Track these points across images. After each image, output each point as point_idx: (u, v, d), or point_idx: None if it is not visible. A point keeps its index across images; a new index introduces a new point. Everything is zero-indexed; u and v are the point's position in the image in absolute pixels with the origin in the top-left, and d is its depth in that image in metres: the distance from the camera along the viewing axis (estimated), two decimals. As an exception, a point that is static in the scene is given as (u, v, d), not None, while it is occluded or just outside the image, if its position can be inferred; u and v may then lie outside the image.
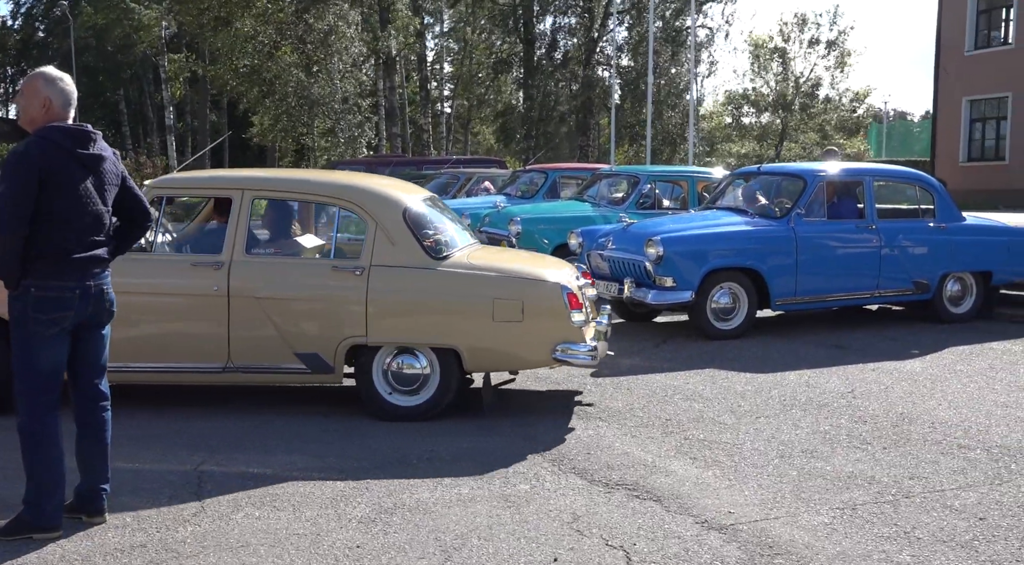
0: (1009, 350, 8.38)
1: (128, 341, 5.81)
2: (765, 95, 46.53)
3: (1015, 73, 26.61)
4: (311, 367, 5.97)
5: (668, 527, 4.15)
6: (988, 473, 4.92)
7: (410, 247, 6.01)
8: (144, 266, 6.01)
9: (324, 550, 3.88)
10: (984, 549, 3.91)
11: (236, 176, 6.69)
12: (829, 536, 4.05)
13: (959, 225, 9.77)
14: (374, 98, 37.97)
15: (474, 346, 5.95)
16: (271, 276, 6.04)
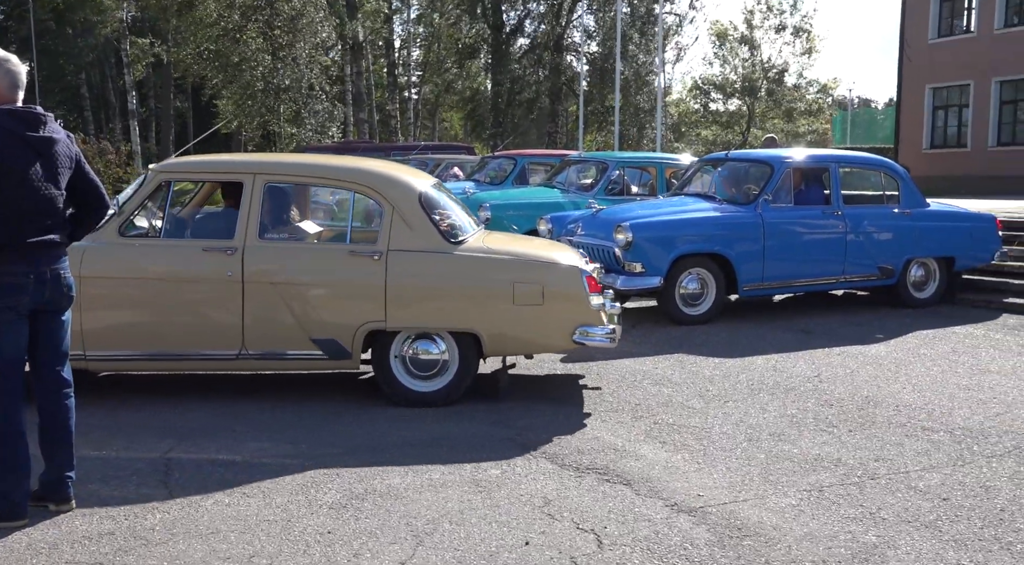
0: (971, 334, 8.51)
1: (138, 329, 5.80)
2: (732, 82, 46.76)
3: (977, 61, 26.94)
4: (328, 353, 5.90)
5: (638, 510, 4.18)
6: (951, 454, 5.00)
7: (427, 231, 5.98)
8: (153, 252, 5.93)
9: (295, 536, 3.87)
10: (947, 529, 3.97)
11: (247, 160, 6.53)
12: (796, 518, 4.10)
13: (923, 211, 9.89)
14: (341, 84, 37.70)
15: (494, 330, 5.95)
16: (287, 261, 5.95)
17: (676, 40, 44.00)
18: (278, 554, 3.69)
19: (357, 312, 5.86)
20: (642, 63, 39.08)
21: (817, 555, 3.70)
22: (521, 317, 5.95)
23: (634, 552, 3.73)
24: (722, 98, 48.49)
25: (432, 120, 51.74)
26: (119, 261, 5.82)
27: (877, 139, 44.63)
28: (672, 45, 43.12)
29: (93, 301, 5.68)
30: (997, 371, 7.02)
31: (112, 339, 5.80)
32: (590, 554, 3.71)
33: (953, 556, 3.69)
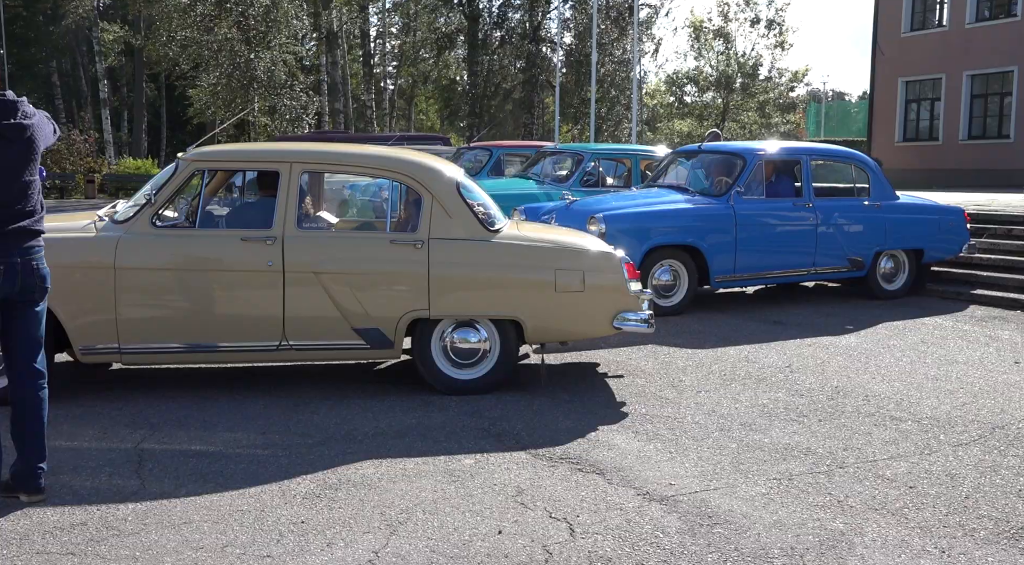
0: (940, 325, 8.63)
1: (175, 321, 5.72)
2: (707, 75, 46.92)
3: (949, 55, 27.20)
4: (371, 342, 5.89)
5: (610, 499, 4.22)
6: (918, 443, 5.08)
7: (467, 219, 6.01)
8: (189, 242, 5.83)
9: (268, 526, 3.88)
10: (913, 516, 4.04)
11: (284, 149, 6.45)
12: (766, 506, 4.15)
13: (892, 204, 10.00)
14: (316, 74, 37.47)
15: (536, 317, 6.01)
16: (328, 251, 5.90)
17: (651, 32, 44.02)
18: (251, 544, 3.70)
19: (401, 301, 5.87)
20: (617, 56, 39.11)
21: (786, 542, 3.75)
22: (563, 304, 6.04)
23: (606, 540, 3.77)
24: (697, 91, 48.64)
25: (408, 110, 51.54)
26: (154, 252, 5.72)
27: (851, 132, 44.98)
28: (647, 38, 43.14)
29: (128, 293, 5.61)
30: (964, 361, 7.13)
31: (148, 332, 5.69)
32: (562, 542, 3.74)
33: (918, 542, 3.76)
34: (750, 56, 45.93)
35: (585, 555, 3.62)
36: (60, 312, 5.45)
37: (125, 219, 5.78)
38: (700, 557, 3.62)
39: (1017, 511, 4.09)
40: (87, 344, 5.61)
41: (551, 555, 3.62)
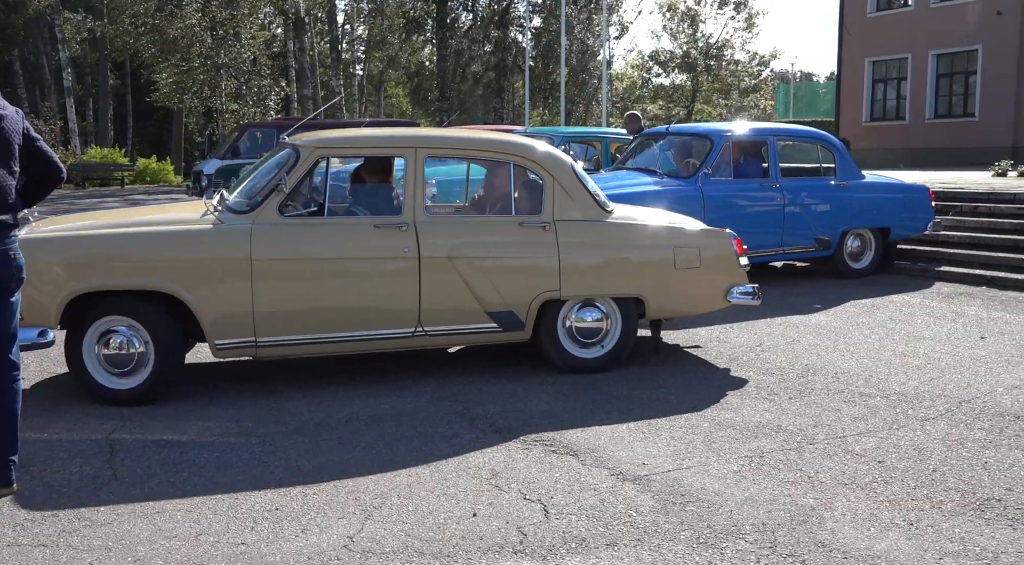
0: (907, 302, 8.73)
1: (311, 311, 5.62)
2: (677, 56, 47.00)
3: (915, 35, 27.40)
4: (503, 325, 5.97)
5: (584, 480, 4.25)
6: (887, 419, 5.15)
7: (586, 201, 6.16)
8: (324, 231, 5.73)
9: (242, 513, 3.87)
10: (882, 490, 4.10)
11: (407, 135, 6.43)
12: (738, 483, 4.20)
13: (858, 183, 10.09)
14: (284, 60, 37.16)
15: (657, 294, 6.22)
16: (460, 235, 5.93)
17: (619, 15, 44.02)
18: (225, 531, 3.69)
19: (533, 283, 5.97)
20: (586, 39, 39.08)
21: (757, 518, 3.80)
22: (681, 280, 6.27)
23: (580, 520, 3.79)
24: (665, 73, 48.74)
25: (377, 96, 51.23)
26: (289, 242, 5.61)
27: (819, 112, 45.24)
28: (615, 20, 43.13)
29: (264, 285, 5.51)
30: (932, 338, 7.22)
31: (283, 324, 5.59)
32: (537, 523, 3.77)
33: (887, 516, 3.81)
34: (719, 39, 46.08)
35: (559, 535, 3.65)
36: (197, 307, 5.40)
37: (250, 209, 5.66)
38: (673, 534, 3.65)
39: (983, 483, 4.16)
40: (223, 339, 5.51)
41: (525, 536, 3.65)
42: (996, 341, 7.10)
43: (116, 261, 5.37)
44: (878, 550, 3.49)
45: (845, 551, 3.48)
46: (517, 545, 3.57)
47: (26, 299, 5.00)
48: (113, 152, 35.09)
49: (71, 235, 5.52)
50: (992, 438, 4.78)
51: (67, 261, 5.32)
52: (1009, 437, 4.80)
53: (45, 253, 5.28)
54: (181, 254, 5.43)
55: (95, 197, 26.79)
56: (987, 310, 8.40)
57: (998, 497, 3.99)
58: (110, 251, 5.40)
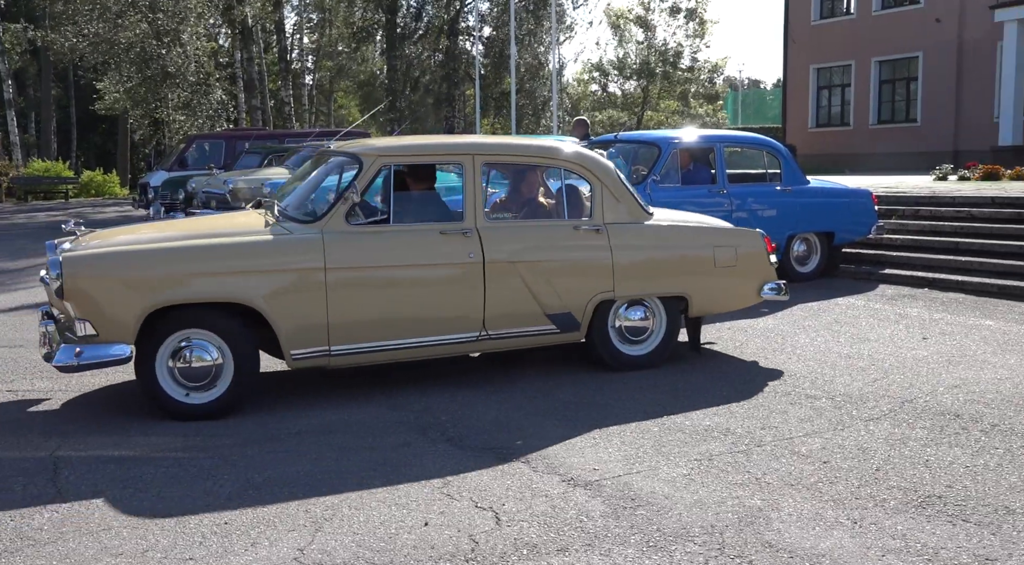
0: (852, 305, 8.89)
1: (382, 318, 5.66)
2: (628, 64, 47.38)
3: (857, 42, 27.95)
4: (561, 327, 6.14)
5: (536, 486, 4.27)
6: (832, 420, 5.24)
7: (631, 203, 6.43)
8: (392, 238, 5.76)
9: (190, 529, 3.82)
10: (827, 490, 4.18)
11: (464, 142, 6.50)
12: (687, 486, 4.24)
13: (803, 188, 10.26)
14: (231, 70, 36.79)
15: (700, 292, 6.52)
16: (520, 240, 6.06)
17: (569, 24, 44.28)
18: (172, 547, 3.65)
19: (590, 284, 6.18)
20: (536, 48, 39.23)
21: (706, 521, 3.84)
22: (721, 278, 6.60)
23: (531, 527, 3.81)
24: (620, 80, 49.10)
25: (327, 106, 50.94)
26: (361, 251, 5.65)
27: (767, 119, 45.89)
28: (565, 29, 43.38)
29: (338, 293, 5.53)
30: (876, 339, 7.36)
31: (356, 332, 5.61)
32: (488, 531, 3.77)
33: (832, 515, 3.88)
34: (671, 47, 46.53)
35: (511, 542, 3.66)
36: (274, 318, 5.40)
37: (315, 218, 5.68)
38: (624, 538, 3.68)
39: (924, 481, 4.26)
40: (299, 349, 5.51)
41: (477, 544, 3.65)
42: (937, 342, 7.26)
43: (196, 274, 5.32)
44: (823, 549, 3.55)
45: (791, 551, 3.54)
46: (469, 553, 3.58)
47: (106, 315, 5.11)
48: (57, 165, 34.46)
49: (148, 249, 5.44)
50: (933, 437, 4.89)
51: (147, 275, 5.26)
52: (949, 435, 4.91)
53: (123, 268, 5.27)
54: (258, 265, 5.44)
55: (38, 210, 26.30)
56: (929, 311, 8.58)
57: (938, 494, 4.09)
58: (190, 264, 5.35)
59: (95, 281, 5.17)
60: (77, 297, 5.13)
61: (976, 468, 4.41)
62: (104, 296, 5.15)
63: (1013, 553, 3.48)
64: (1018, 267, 9.78)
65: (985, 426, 5.05)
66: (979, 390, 5.78)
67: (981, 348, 7.00)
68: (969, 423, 5.11)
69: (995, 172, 15.73)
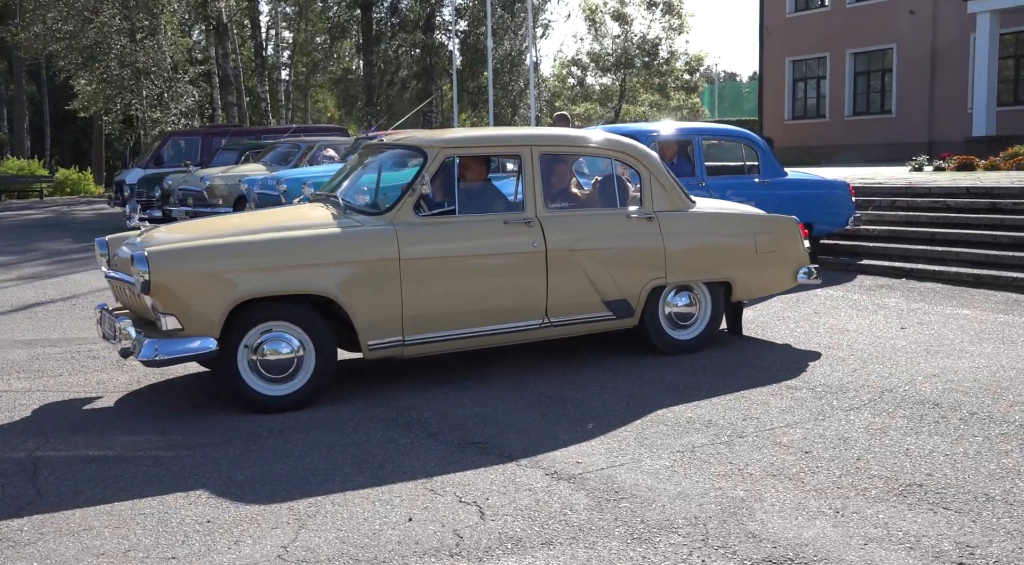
0: (831, 296, 8.95)
1: (452, 308, 5.78)
2: (605, 57, 47.39)
3: (832, 34, 28.09)
4: (617, 313, 6.33)
5: (520, 481, 4.27)
6: (813, 410, 5.28)
7: (676, 192, 6.66)
8: (460, 229, 5.88)
9: (172, 527, 3.80)
10: (809, 480, 4.20)
11: (522, 134, 6.63)
12: (670, 478, 4.26)
13: (781, 180, 10.31)
14: (207, 66, 36.52)
15: (743, 277, 6.79)
16: (579, 229, 6.21)
17: (545, 18, 44.25)
18: (155, 546, 3.62)
19: (644, 271, 6.38)
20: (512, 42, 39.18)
21: (689, 512, 3.86)
22: (762, 263, 6.87)
23: (515, 521, 3.81)
24: (597, 73, 49.09)
25: (305, 101, 50.66)
26: (432, 241, 5.76)
27: (744, 111, 46.09)
28: (541, 23, 43.33)
29: (411, 284, 5.63)
30: (855, 330, 7.41)
31: (427, 322, 5.72)
32: (473, 526, 3.77)
33: (814, 504, 3.91)
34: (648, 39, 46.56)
35: (495, 537, 3.66)
36: (353, 309, 5.49)
37: (380, 210, 5.79)
38: (608, 531, 3.69)
39: (905, 469, 4.29)
40: (376, 339, 5.60)
41: (462, 539, 3.65)
42: (915, 331, 7.32)
43: (281, 266, 5.38)
44: (806, 538, 3.57)
45: (774, 541, 3.56)
46: (453, 548, 3.57)
47: (192, 309, 5.14)
48: (31, 163, 34.11)
49: (233, 242, 5.47)
50: (913, 426, 4.93)
51: (232, 268, 5.29)
52: (929, 424, 4.95)
53: (209, 261, 5.29)
54: (339, 257, 5.51)
55: (12, 210, 26.04)
56: (907, 301, 8.65)
57: (919, 482, 4.12)
58: (274, 257, 5.40)
59: (182, 276, 5.19)
60: (163, 292, 5.14)
61: (955, 456, 4.45)
62: (190, 290, 5.18)
63: (993, 540, 3.52)
64: (993, 257, 9.88)
65: (964, 414, 5.10)
66: (957, 379, 5.84)
67: (958, 337, 7.07)
68: (948, 412, 5.15)
69: (970, 163, 15.86)
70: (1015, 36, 24.28)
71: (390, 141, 6.55)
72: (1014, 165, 14.89)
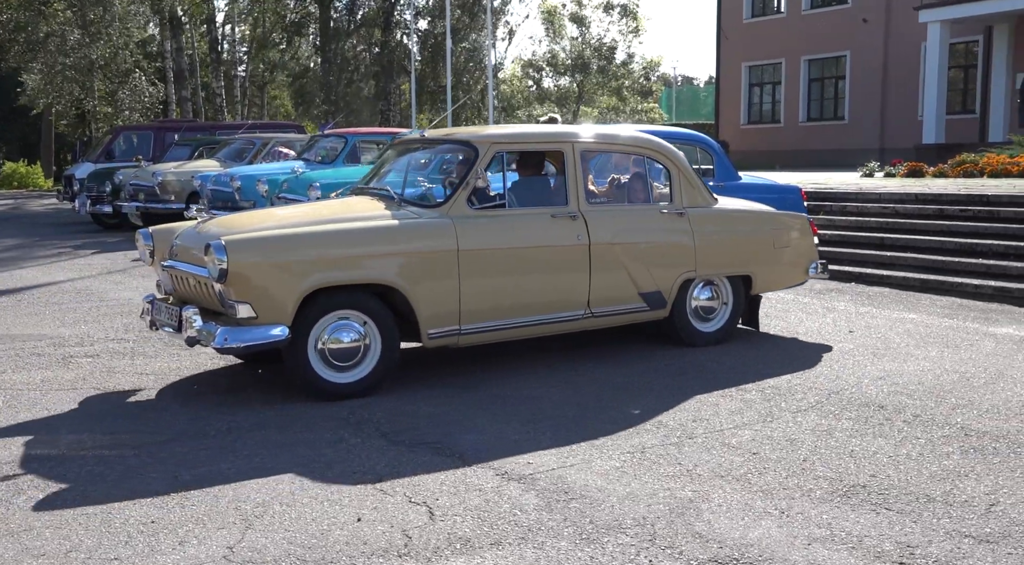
0: (782, 299, 9.05)
1: (505, 298, 5.98)
2: (563, 59, 47.55)
3: (788, 40, 28.46)
4: (650, 304, 6.60)
5: (470, 481, 4.26)
6: (761, 412, 5.34)
7: (702, 189, 7.00)
8: (511, 222, 6.09)
9: (116, 528, 3.74)
10: (756, 480, 4.25)
11: (565, 131, 6.82)
12: (620, 478, 4.28)
13: (735, 184, 10.38)
14: (161, 61, 36.01)
15: (762, 271, 7.15)
16: (618, 223, 6.49)
17: (506, 20, 44.27)
18: (97, 547, 3.56)
19: (677, 265, 6.69)
20: (472, 42, 39.15)
21: (638, 513, 3.88)
22: (779, 258, 7.26)
23: (465, 521, 3.81)
24: (553, 75, 49.24)
25: (261, 97, 50.16)
26: (487, 233, 5.94)
27: (700, 115, 46.52)
28: (502, 24, 43.37)
29: (470, 275, 5.82)
30: (804, 333, 7.51)
31: (481, 311, 5.91)
32: (422, 526, 3.76)
33: (760, 505, 3.95)
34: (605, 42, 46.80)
35: (445, 537, 3.65)
36: (415, 298, 5.66)
37: (440, 203, 5.95)
38: (557, 531, 3.70)
39: (849, 470, 4.36)
40: (435, 329, 5.79)
41: (410, 539, 3.64)
42: (863, 335, 7.44)
43: (352, 256, 5.55)
44: (751, 538, 3.61)
45: (720, 541, 3.59)
46: (402, 548, 3.56)
47: (267, 298, 5.28)
48: (-23, 157, 33.40)
49: (307, 232, 5.60)
50: (858, 427, 5.01)
51: (307, 258, 5.42)
52: (874, 426, 5.03)
53: (285, 251, 5.42)
54: (404, 248, 5.70)
55: (-42, 203, 25.47)
56: (855, 305, 8.79)
57: (863, 483, 4.19)
58: (346, 247, 5.57)
59: (258, 265, 5.30)
60: (240, 280, 5.24)
61: (899, 458, 4.53)
62: (266, 279, 5.30)
63: (933, 540, 3.59)
64: (939, 262, 10.07)
65: (908, 417, 5.19)
66: (902, 382, 5.94)
67: (904, 341, 7.20)
68: (893, 414, 5.24)
69: (919, 169, 16.16)
70: (965, 46, 24.80)
71: (436, 136, 6.84)
72: (961, 173, 15.20)
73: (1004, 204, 10.89)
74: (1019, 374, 6.13)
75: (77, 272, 11.65)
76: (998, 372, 6.19)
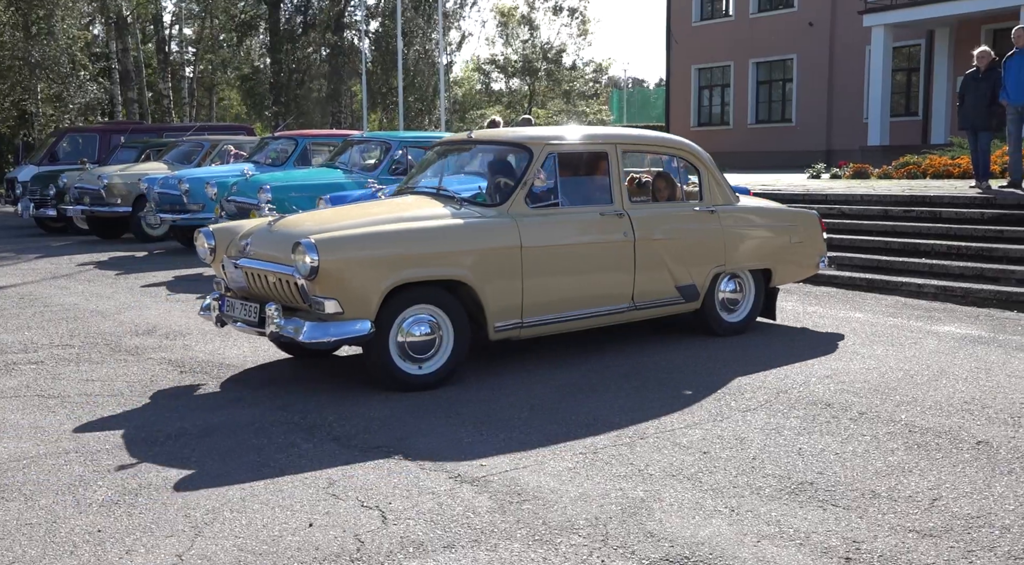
0: (732, 299, 9.15)
1: (561, 293, 6.29)
2: (514, 61, 47.65)
3: (736, 43, 28.80)
4: (685, 297, 7.03)
5: (423, 484, 4.26)
6: (711, 411, 5.40)
7: (727, 188, 7.46)
8: (566, 220, 6.45)
9: (61, 538, 3.67)
10: (706, 479, 4.30)
11: (608, 133, 7.28)
12: (572, 479, 4.30)
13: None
14: (107, 62, 35.42)
15: (780, 265, 7.65)
16: (658, 220, 6.91)
17: (459, 24, 44.25)
18: (41, 558, 3.49)
19: (709, 259, 7.15)
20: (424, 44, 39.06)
21: (590, 513, 3.90)
22: (795, 252, 7.78)
23: (418, 524, 3.80)
24: (504, 78, 49.33)
25: (210, 99, 49.55)
26: (546, 231, 6.25)
27: (651, 117, 46.85)
28: (456, 27, 43.34)
29: (531, 270, 6.13)
30: (753, 333, 7.61)
31: (540, 306, 6.22)
32: (374, 530, 3.74)
33: (711, 503, 4.00)
34: (554, 45, 46.99)
35: (397, 541, 3.64)
36: (485, 293, 5.94)
37: (498, 202, 6.25)
38: (510, 533, 3.71)
39: (797, 468, 4.42)
40: (501, 322, 6.08)
41: (363, 544, 3.62)
42: (810, 334, 7.56)
43: (430, 254, 5.81)
44: (702, 537, 3.65)
45: (672, 540, 3.63)
46: (354, 553, 3.54)
47: (353, 293, 5.49)
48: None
49: (391, 231, 5.83)
50: (806, 426, 5.09)
51: (392, 255, 5.67)
52: (821, 424, 5.12)
53: (371, 249, 5.66)
54: (474, 245, 5.97)
55: None
56: (803, 305, 8.92)
57: (810, 481, 4.26)
58: (426, 244, 5.83)
59: (347, 262, 5.51)
60: (329, 277, 5.44)
61: (845, 455, 4.61)
62: (354, 275, 5.52)
63: (878, 535, 3.66)
64: (884, 262, 10.26)
65: (854, 414, 5.28)
66: (848, 380, 6.05)
67: (851, 340, 7.32)
68: (839, 412, 5.33)
69: (864, 171, 16.45)
70: (908, 50, 25.30)
71: (484, 137, 7.11)
72: (905, 174, 15.51)
73: (945, 205, 11.14)
74: (960, 371, 6.28)
75: (20, 277, 11.41)
76: (940, 369, 6.33)
